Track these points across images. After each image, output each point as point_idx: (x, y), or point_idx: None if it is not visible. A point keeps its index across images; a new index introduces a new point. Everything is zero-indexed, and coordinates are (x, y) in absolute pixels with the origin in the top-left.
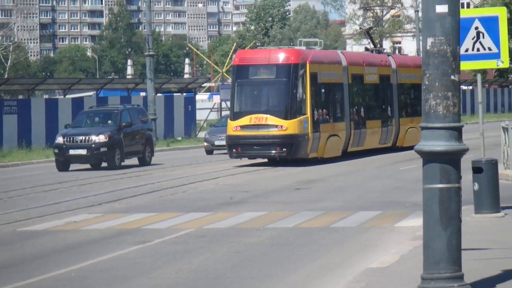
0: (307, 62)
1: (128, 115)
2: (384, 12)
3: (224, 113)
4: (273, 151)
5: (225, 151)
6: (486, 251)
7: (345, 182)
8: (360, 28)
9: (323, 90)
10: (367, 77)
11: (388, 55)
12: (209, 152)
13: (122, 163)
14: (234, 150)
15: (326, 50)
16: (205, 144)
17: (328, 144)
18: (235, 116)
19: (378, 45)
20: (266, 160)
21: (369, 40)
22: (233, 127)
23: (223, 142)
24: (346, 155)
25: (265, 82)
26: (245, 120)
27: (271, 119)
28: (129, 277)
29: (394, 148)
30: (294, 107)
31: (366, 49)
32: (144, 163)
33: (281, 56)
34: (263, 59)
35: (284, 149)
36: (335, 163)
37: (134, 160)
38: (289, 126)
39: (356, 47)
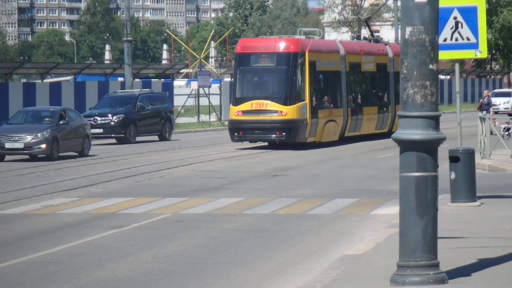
0: (306, 50)
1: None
2: (363, 1)
3: (202, 99)
4: (273, 135)
5: (21, 156)
6: (462, 239)
7: (322, 170)
8: (359, 18)
9: (321, 78)
10: (365, 65)
11: (386, 44)
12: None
13: None
14: (235, 134)
15: (324, 39)
16: None
17: (325, 129)
18: (237, 101)
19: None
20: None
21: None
22: (235, 112)
23: (18, 145)
24: (343, 140)
25: (266, 69)
26: (247, 106)
27: (271, 105)
28: (104, 261)
29: (390, 134)
30: (293, 93)
31: (364, 38)
32: None
33: (281, 45)
34: (264, 47)
35: (283, 133)
36: (318, 149)
37: None
38: (289, 112)
39: (334, 35)
